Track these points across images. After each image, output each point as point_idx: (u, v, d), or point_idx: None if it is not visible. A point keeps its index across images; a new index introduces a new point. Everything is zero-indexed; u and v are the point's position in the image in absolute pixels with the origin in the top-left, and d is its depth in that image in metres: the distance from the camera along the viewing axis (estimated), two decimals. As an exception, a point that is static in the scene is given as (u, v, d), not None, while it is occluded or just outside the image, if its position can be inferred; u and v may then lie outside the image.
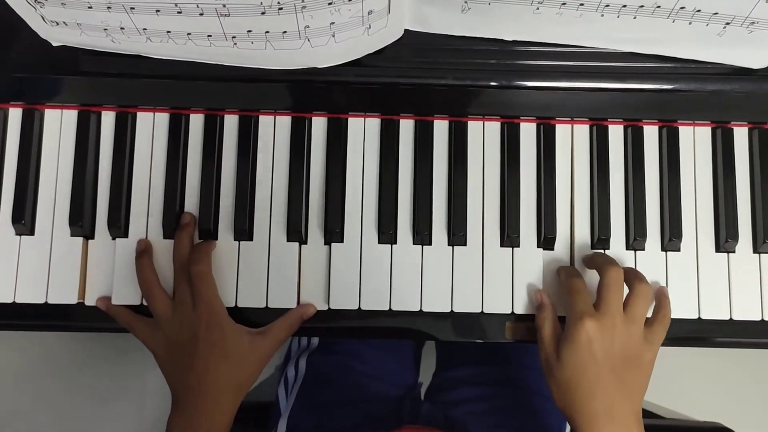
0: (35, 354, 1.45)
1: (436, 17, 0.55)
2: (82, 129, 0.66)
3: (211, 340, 0.59)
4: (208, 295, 0.60)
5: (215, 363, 0.59)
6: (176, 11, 0.49)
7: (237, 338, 0.60)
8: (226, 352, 0.59)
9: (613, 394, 0.56)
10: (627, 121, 0.67)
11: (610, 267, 0.59)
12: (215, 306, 0.61)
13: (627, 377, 0.57)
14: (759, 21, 0.52)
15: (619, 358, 0.56)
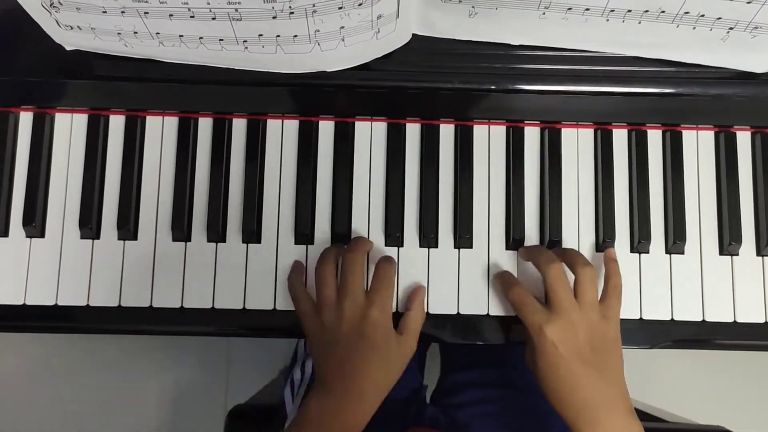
0: (40, 356, 1.45)
1: (443, 22, 0.56)
2: (92, 132, 0.67)
3: (375, 340, 0.58)
4: (386, 296, 0.60)
5: (374, 363, 0.58)
6: (189, 15, 0.50)
7: (393, 342, 0.60)
8: (384, 355, 0.59)
9: (591, 382, 0.57)
10: (631, 125, 0.68)
11: (550, 264, 0.59)
12: (387, 307, 0.60)
13: (599, 362, 0.57)
14: (762, 26, 0.52)
15: (586, 349, 0.57)
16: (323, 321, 0.60)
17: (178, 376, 1.45)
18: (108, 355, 1.44)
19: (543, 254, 0.61)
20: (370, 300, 0.59)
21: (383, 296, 0.60)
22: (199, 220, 0.66)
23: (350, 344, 0.58)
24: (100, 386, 1.44)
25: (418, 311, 0.63)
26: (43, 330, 0.68)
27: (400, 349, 0.61)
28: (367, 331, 0.58)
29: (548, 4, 0.52)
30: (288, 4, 0.48)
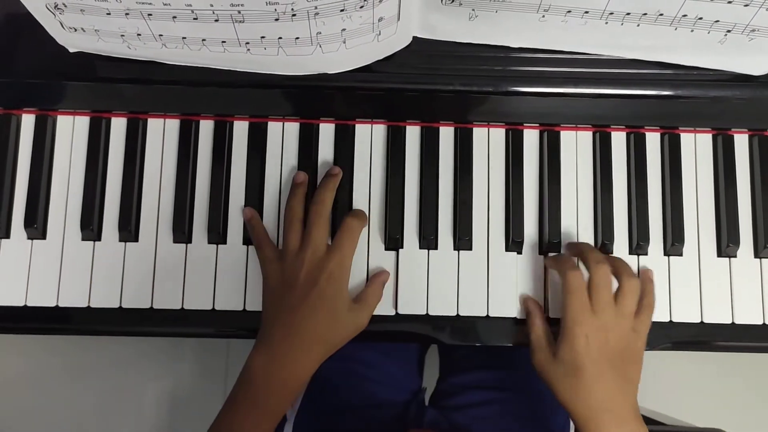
0: (39, 359, 1.45)
1: (443, 25, 0.57)
2: (93, 135, 0.67)
3: (328, 292, 0.60)
4: (348, 249, 0.62)
5: (321, 314, 0.59)
6: (192, 18, 0.50)
7: (345, 301, 0.61)
8: (334, 308, 0.60)
9: (611, 387, 0.58)
10: (629, 127, 0.68)
11: (599, 265, 0.60)
12: (346, 263, 0.62)
13: (623, 370, 0.58)
14: (759, 28, 0.53)
15: (615, 353, 0.58)
16: (284, 266, 0.61)
17: (176, 379, 1.44)
18: (106, 359, 1.44)
19: (593, 253, 0.62)
20: (331, 253, 0.61)
21: (344, 252, 0.61)
22: (200, 221, 0.66)
23: (303, 291, 0.59)
24: (99, 390, 1.44)
25: (377, 288, 0.64)
26: (44, 332, 0.68)
27: (350, 314, 0.61)
28: (321, 282, 0.59)
29: (548, 7, 0.53)
30: (290, 7, 0.49)
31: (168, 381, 1.44)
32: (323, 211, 0.62)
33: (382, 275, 0.65)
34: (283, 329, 0.59)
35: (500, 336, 0.66)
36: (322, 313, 0.59)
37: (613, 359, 0.58)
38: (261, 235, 0.64)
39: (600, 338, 0.58)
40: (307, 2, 0.48)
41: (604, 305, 0.59)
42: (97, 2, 0.49)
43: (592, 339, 0.58)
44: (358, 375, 0.82)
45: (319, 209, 0.62)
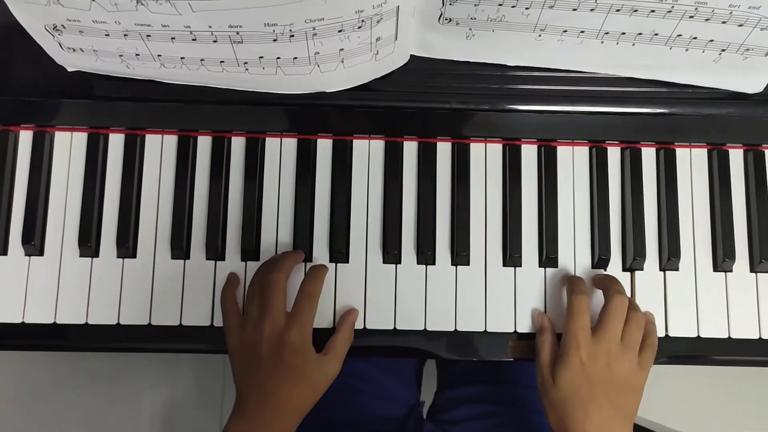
0: (34, 372, 1.44)
1: (441, 43, 0.57)
2: (91, 151, 0.67)
3: (293, 364, 0.59)
4: (306, 320, 0.60)
5: (291, 384, 0.59)
6: (191, 38, 0.50)
7: (314, 366, 0.60)
8: (303, 377, 0.59)
9: (606, 416, 0.57)
10: (625, 142, 0.69)
11: (617, 295, 0.61)
12: (306, 332, 0.60)
13: (621, 402, 0.58)
14: (753, 48, 0.53)
15: (614, 384, 0.58)
16: (245, 340, 0.60)
17: (173, 390, 1.44)
18: (102, 370, 1.44)
19: (615, 285, 0.63)
20: (289, 323, 0.59)
21: (303, 319, 0.60)
22: (198, 238, 0.66)
23: (269, 366, 0.59)
24: (95, 400, 1.43)
25: (346, 334, 0.63)
26: (41, 348, 0.68)
27: (321, 369, 0.61)
28: (285, 356, 0.58)
29: (544, 26, 0.53)
30: (288, 28, 0.49)
31: (164, 392, 1.44)
32: (279, 279, 0.61)
33: (351, 315, 0.64)
34: (257, 399, 0.59)
35: (498, 351, 0.66)
36: (291, 384, 0.59)
37: (611, 389, 0.58)
38: (227, 303, 0.64)
39: (599, 364, 0.58)
40: (305, 23, 0.49)
41: (610, 333, 0.59)
42: (95, 24, 0.49)
43: (589, 363, 0.58)
44: (354, 389, 0.82)
45: (274, 277, 0.61)
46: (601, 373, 0.58)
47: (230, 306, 0.63)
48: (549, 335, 0.63)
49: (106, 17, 0.48)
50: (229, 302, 0.63)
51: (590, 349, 0.58)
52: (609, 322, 0.60)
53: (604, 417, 0.57)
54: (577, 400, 0.57)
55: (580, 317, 0.60)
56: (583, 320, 0.60)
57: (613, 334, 0.59)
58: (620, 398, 0.58)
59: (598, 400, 0.57)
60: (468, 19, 0.54)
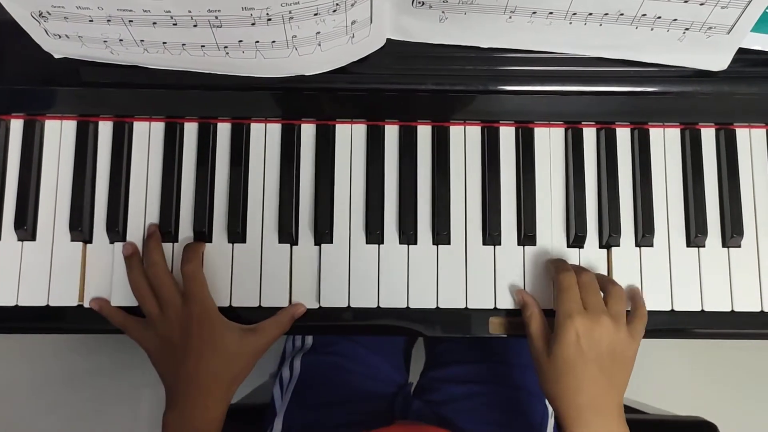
0: (33, 365, 1.46)
1: (415, 27, 0.59)
2: (80, 138, 0.69)
3: (203, 335, 0.61)
4: (200, 292, 0.63)
5: (207, 356, 0.61)
6: (172, 23, 0.52)
7: (228, 333, 0.63)
8: (218, 346, 0.62)
9: (599, 388, 0.59)
10: (600, 123, 0.70)
11: (583, 271, 0.63)
12: (206, 303, 0.63)
13: (613, 373, 0.60)
14: (716, 26, 0.55)
15: (606, 355, 0.59)
16: (155, 333, 0.63)
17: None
18: (101, 364, 1.46)
19: (580, 267, 0.65)
20: (187, 302, 0.62)
21: (194, 292, 0.63)
22: (186, 221, 0.68)
23: (183, 345, 0.61)
24: (94, 395, 1.45)
25: (282, 318, 0.65)
26: (35, 331, 0.69)
27: (240, 340, 0.63)
28: (194, 329, 0.61)
29: (514, 8, 0.55)
30: (265, 11, 0.51)
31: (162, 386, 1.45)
32: (159, 272, 0.64)
33: (297, 309, 0.66)
34: (181, 383, 0.62)
35: (479, 327, 0.68)
36: (208, 354, 0.61)
37: (604, 360, 0.59)
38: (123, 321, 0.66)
39: (593, 336, 0.59)
40: (281, 7, 0.51)
41: (595, 305, 0.60)
42: (79, 10, 0.51)
43: (584, 336, 0.58)
44: (345, 369, 0.84)
45: (154, 271, 0.64)
46: (595, 346, 0.59)
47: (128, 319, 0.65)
48: (534, 308, 0.64)
49: (90, 3, 0.50)
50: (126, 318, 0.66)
51: (584, 322, 0.59)
52: (588, 295, 0.61)
53: (597, 389, 0.59)
54: (572, 373, 0.59)
55: (569, 293, 0.61)
56: (573, 294, 0.61)
57: (597, 306, 0.60)
58: (612, 369, 0.59)
59: (591, 372, 0.58)
60: (440, 2, 0.55)
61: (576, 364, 0.58)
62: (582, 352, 0.58)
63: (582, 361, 0.58)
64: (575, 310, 0.60)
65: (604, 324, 0.59)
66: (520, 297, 0.66)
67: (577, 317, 0.59)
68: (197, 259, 0.65)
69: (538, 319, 0.63)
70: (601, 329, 0.59)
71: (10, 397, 1.44)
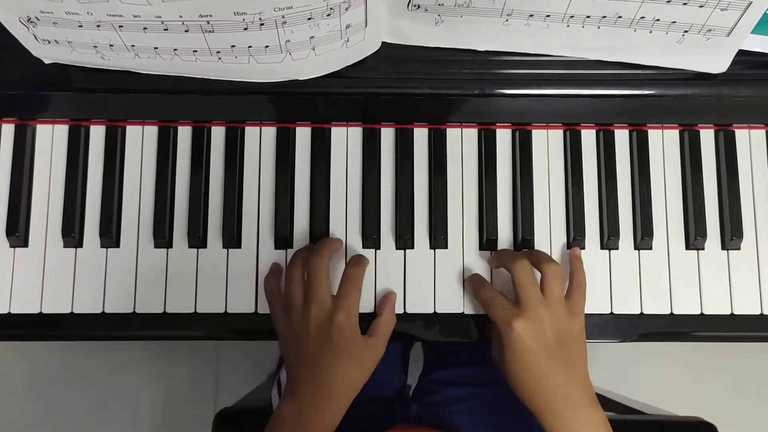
0: (31, 367, 1.46)
1: (411, 30, 0.58)
2: (73, 143, 0.68)
3: (341, 345, 0.60)
4: (352, 302, 0.62)
5: (340, 367, 0.60)
6: (163, 28, 0.51)
7: (360, 344, 0.62)
8: (351, 357, 0.61)
9: (557, 375, 0.59)
10: (599, 125, 0.70)
11: (517, 262, 0.61)
12: (353, 311, 0.62)
13: (564, 356, 0.59)
14: (715, 28, 0.55)
15: (552, 342, 0.59)
16: (292, 323, 0.62)
17: (169, 382, 1.46)
18: (101, 363, 1.46)
19: (510, 255, 0.63)
20: (336, 305, 0.61)
21: (349, 301, 0.61)
22: (180, 226, 0.68)
23: (318, 348, 0.60)
24: (93, 394, 1.45)
25: (389, 316, 0.65)
26: (28, 338, 0.69)
27: (368, 351, 0.62)
28: (334, 336, 0.60)
29: (510, 11, 0.54)
30: (258, 16, 0.50)
31: (161, 383, 1.45)
32: (321, 264, 0.62)
33: (390, 298, 0.66)
34: (306, 381, 0.60)
35: (476, 332, 0.67)
36: (340, 364, 0.60)
37: (553, 349, 0.59)
38: (271, 290, 0.65)
39: (536, 333, 0.59)
40: (274, 12, 0.50)
41: (530, 299, 0.60)
42: (68, 15, 0.50)
43: (528, 336, 0.58)
44: (343, 373, 0.84)
45: (317, 262, 0.62)
46: (540, 340, 0.59)
47: (275, 293, 0.65)
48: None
49: (78, 8, 0.49)
50: (274, 289, 0.65)
51: (522, 323, 0.59)
52: (525, 290, 0.60)
53: (556, 377, 0.59)
54: (528, 374, 0.59)
55: (494, 303, 0.61)
56: (499, 302, 0.61)
57: (534, 299, 0.60)
58: (564, 354, 0.59)
59: (547, 366, 0.58)
60: (436, 5, 0.55)
61: (529, 364, 0.59)
62: (530, 351, 0.58)
63: (533, 359, 0.58)
64: (508, 315, 0.59)
65: (543, 315, 0.59)
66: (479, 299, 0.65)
67: (514, 321, 0.59)
68: (364, 267, 0.64)
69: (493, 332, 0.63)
70: (541, 322, 0.59)
71: (7, 397, 1.44)
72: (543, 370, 0.58)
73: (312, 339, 0.60)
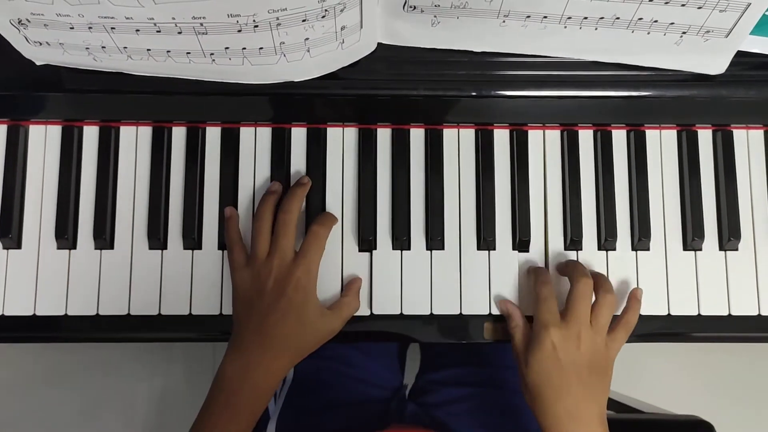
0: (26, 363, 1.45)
1: (407, 31, 0.58)
2: (66, 144, 0.67)
3: (296, 300, 0.61)
4: (313, 258, 0.62)
5: (290, 321, 0.60)
6: (155, 30, 0.51)
7: (314, 307, 0.62)
8: (303, 314, 0.61)
9: (578, 397, 0.59)
10: (596, 125, 0.69)
11: (581, 278, 0.62)
12: (313, 270, 0.62)
13: (591, 382, 0.60)
14: (713, 29, 0.54)
15: (584, 366, 0.59)
16: (252, 274, 0.62)
17: (166, 379, 1.46)
18: (95, 361, 1.45)
19: (578, 268, 0.63)
20: (297, 261, 0.62)
21: (310, 259, 0.62)
22: (175, 228, 0.67)
23: (271, 300, 0.60)
24: (89, 391, 1.45)
25: (351, 299, 0.65)
26: (22, 340, 0.69)
27: (321, 320, 0.63)
28: (289, 290, 0.60)
29: (507, 12, 0.54)
30: (252, 18, 0.49)
31: (158, 380, 1.45)
32: (290, 220, 0.63)
33: (356, 283, 0.66)
34: (254, 336, 0.61)
35: (474, 333, 0.67)
36: (291, 321, 0.60)
37: (582, 371, 0.59)
38: (234, 238, 0.65)
39: (569, 347, 0.59)
40: (269, 13, 0.49)
41: (577, 317, 0.60)
42: (59, 17, 0.49)
43: (560, 347, 0.59)
44: (340, 374, 0.84)
45: (286, 218, 0.63)
46: (572, 357, 0.59)
47: (236, 239, 0.65)
48: (519, 320, 0.64)
49: (70, 10, 0.48)
50: (235, 236, 0.65)
51: (560, 333, 0.59)
52: (576, 306, 0.61)
53: (575, 399, 0.59)
54: (549, 384, 0.59)
55: (546, 303, 0.61)
56: (550, 305, 0.61)
57: (581, 317, 0.60)
58: (590, 379, 0.60)
59: (569, 383, 0.59)
60: (432, 6, 0.54)
61: (552, 374, 0.59)
62: (559, 362, 0.59)
63: (559, 371, 0.59)
64: (551, 321, 0.60)
65: (582, 336, 0.60)
66: (505, 307, 0.66)
67: (553, 328, 0.59)
68: (329, 226, 0.65)
69: (521, 330, 0.63)
70: (579, 340, 0.59)
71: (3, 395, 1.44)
72: (566, 387, 0.58)
73: (268, 291, 0.61)
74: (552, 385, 0.59)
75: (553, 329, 0.59)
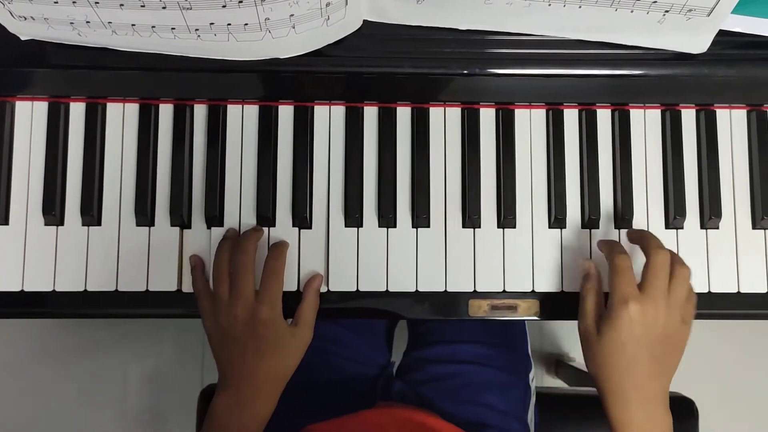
0: (18, 345, 1.46)
1: (392, 8, 0.58)
2: (52, 120, 0.67)
3: (267, 337, 0.61)
4: (274, 295, 0.62)
5: (269, 359, 0.62)
6: (140, 5, 0.51)
7: (284, 332, 0.63)
8: (278, 348, 0.62)
9: (647, 372, 0.59)
10: (582, 104, 0.70)
11: (660, 250, 0.60)
12: (276, 306, 0.63)
13: (664, 359, 0.59)
14: (696, 8, 0.54)
15: (658, 341, 0.59)
16: (220, 320, 0.62)
17: (157, 360, 1.47)
18: (88, 341, 1.46)
19: (652, 240, 0.62)
20: (259, 299, 0.62)
21: (271, 294, 0.62)
22: (162, 205, 0.67)
23: (245, 342, 0.61)
24: (81, 372, 1.46)
25: (311, 299, 0.65)
26: (10, 316, 0.69)
27: (295, 340, 0.64)
28: (259, 330, 0.61)
29: (492, -11, 0.54)
30: (237, -7, 0.49)
31: (149, 361, 1.46)
32: (246, 261, 0.63)
33: (315, 282, 0.66)
34: (237, 375, 0.62)
35: (459, 310, 0.68)
36: (268, 356, 0.62)
37: (655, 346, 0.58)
38: (199, 287, 0.65)
39: (647, 320, 0.58)
40: (253, -11, 0.49)
41: (656, 289, 0.59)
42: (43, -9, 0.49)
43: (637, 321, 0.58)
44: (328, 352, 0.85)
45: (243, 259, 0.63)
46: (648, 332, 0.58)
47: (202, 288, 0.65)
48: (595, 283, 0.63)
49: (53, -15, 0.48)
50: (201, 285, 0.65)
51: (639, 307, 0.58)
52: (655, 279, 0.59)
53: (644, 373, 0.58)
54: (622, 356, 0.58)
55: (625, 275, 0.59)
56: (629, 278, 0.59)
57: (659, 291, 0.59)
58: (664, 355, 0.59)
59: (641, 357, 0.58)
60: (417, -17, 0.54)
61: (626, 347, 0.58)
62: (634, 336, 0.58)
63: (633, 345, 0.58)
64: (630, 294, 0.58)
65: (660, 310, 0.58)
66: (586, 266, 0.65)
67: (632, 302, 0.58)
68: (283, 257, 0.65)
69: (594, 296, 0.62)
70: (656, 315, 0.58)
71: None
72: (637, 361, 0.58)
73: (238, 335, 0.61)
74: (625, 358, 0.58)
75: (633, 303, 0.58)
